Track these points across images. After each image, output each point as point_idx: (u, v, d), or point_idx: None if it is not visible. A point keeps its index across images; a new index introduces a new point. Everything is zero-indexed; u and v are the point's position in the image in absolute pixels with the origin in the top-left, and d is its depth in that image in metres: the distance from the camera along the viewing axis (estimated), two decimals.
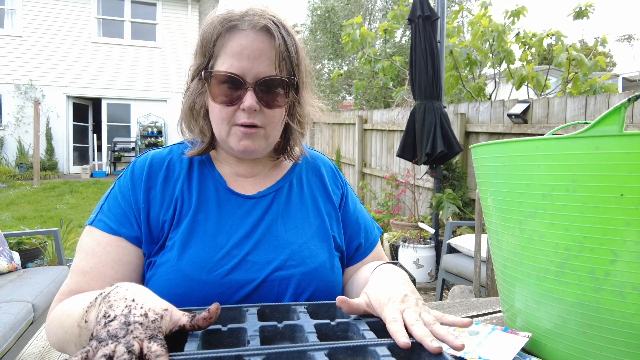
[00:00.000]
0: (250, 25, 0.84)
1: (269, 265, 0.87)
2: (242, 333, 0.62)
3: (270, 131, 0.90)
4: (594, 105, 3.46)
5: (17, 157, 11.86)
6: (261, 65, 0.84)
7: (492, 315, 1.07)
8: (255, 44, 0.84)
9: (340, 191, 1.06)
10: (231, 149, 0.91)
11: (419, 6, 4.10)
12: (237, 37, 0.84)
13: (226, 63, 0.85)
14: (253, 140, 0.88)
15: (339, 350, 0.57)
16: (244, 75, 0.84)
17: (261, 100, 0.86)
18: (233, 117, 0.87)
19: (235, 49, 0.84)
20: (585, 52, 5.58)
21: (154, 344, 0.52)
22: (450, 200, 4.13)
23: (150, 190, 0.90)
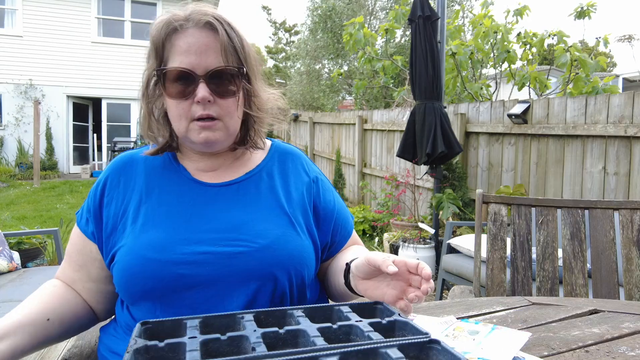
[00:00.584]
0: (194, 24, 0.89)
1: (224, 241, 0.90)
2: (243, 341, 0.61)
3: (228, 121, 0.93)
4: (594, 105, 3.46)
5: (17, 156, 11.85)
6: (209, 59, 0.89)
7: (491, 315, 1.07)
8: (200, 39, 0.89)
9: (311, 183, 1.06)
10: (192, 143, 0.94)
11: (419, 6, 4.10)
12: (183, 36, 0.89)
13: (176, 61, 0.89)
14: (213, 131, 0.91)
15: (350, 354, 0.57)
16: (194, 69, 0.88)
17: (213, 91, 0.89)
18: (189, 111, 0.90)
19: (182, 47, 0.89)
20: (585, 52, 5.57)
21: None
22: (450, 201, 4.12)
23: (113, 189, 0.98)
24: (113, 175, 1.00)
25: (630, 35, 15.95)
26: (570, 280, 1.80)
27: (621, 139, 3.27)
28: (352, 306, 0.75)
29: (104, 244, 0.95)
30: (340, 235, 1.07)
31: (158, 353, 0.58)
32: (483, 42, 5.62)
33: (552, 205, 1.87)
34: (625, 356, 0.83)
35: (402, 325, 0.69)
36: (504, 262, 1.91)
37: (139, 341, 0.59)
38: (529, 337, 0.90)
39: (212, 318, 0.68)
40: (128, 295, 0.90)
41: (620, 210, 1.77)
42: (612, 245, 1.77)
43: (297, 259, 0.93)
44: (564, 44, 5.10)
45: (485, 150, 4.55)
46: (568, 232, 1.83)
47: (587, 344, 0.89)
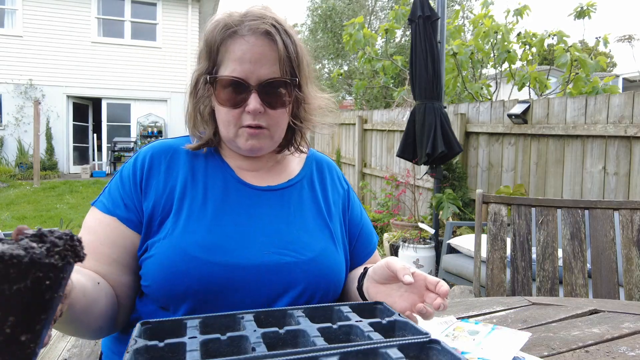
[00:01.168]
0: (251, 31, 0.87)
1: (265, 252, 0.89)
2: (243, 341, 0.61)
3: (275, 131, 0.93)
4: (594, 105, 3.46)
5: (17, 156, 11.84)
6: (263, 68, 0.87)
7: (491, 315, 1.07)
8: (255, 48, 0.86)
9: (345, 196, 1.08)
10: (238, 148, 0.94)
11: (420, 6, 4.10)
12: (239, 42, 0.87)
13: (229, 68, 0.87)
14: (259, 139, 0.91)
15: (350, 354, 0.57)
16: (247, 79, 0.87)
17: (265, 101, 0.88)
18: (239, 119, 0.90)
19: (237, 54, 0.87)
20: (585, 52, 5.57)
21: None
22: (450, 201, 4.12)
23: (151, 179, 0.92)
24: (155, 159, 0.95)
25: (630, 35, 15.95)
26: (570, 280, 1.80)
27: (621, 139, 3.27)
28: (352, 306, 0.75)
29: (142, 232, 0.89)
30: (360, 249, 1.07)
31: (158, 353, 0.58)
32: (483, 42, 5.62)
33: (552, 205, 1.87)
34: (625, 356, 0.83)
35: (402, 325, 0.69)
36: (504, 262, 1.91)
37: (139, 341, 0.59)
38: (529, 337, 0.90)
39: (212, 318, 0.68)
40: (166, 294, 0.84)
41: (620, 210, 1.77)
42: (612, 245, 1.77)
43: (336, 274, 0.95)
44: (563, 44, 5.10)
45: (485, 150, 4.55)
46: (568, 232, 1.83)
47: (587, 344, 0.89)
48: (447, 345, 0.60)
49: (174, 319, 0.66)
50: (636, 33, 18.47)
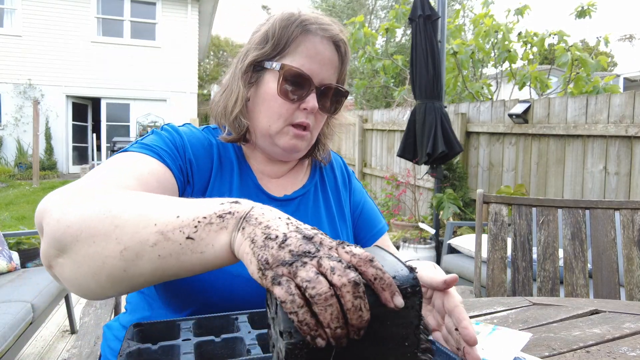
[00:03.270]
0: (328, 34, 0.90)
1: None
2: (237, 343, 0.60)
3: (314, 135, 0.97)
4: (595, 105, 3.45)
5: (16, 156, 11.84)
6: (328, 72, 0.91)
7: (492, 315, 1.06)
8: (327, 51, 0.90)
9: (347, 189, 1.10)
10: (274, 145, 0.92)
11: (420, 5, 4.09)
12: (313, 41, 0.89)
13: (298, 62, 0.88)
14: (302, 141, 0.93)
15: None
16: (312, 77, 0.89)
17: (320, 103, 0.91)
18: (292, 115, 0.90)
19: (310, 51, 0.89)
20: (586, 51, 5.56)
21: (353, 247, 0.42)
22: (450, 201, 4.11)
23: (192, 155, 0.87)
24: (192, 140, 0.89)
25: (631, 34, 15.95)
26: (571, 280, 1.79)
27: (622, 139, 3.26)
28: None
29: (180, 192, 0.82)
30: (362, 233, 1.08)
31: (151, 356, 0.57)
32: (484, 41, 5.61)
33: (552, 205, 1.86)
34: (626, 356, 0.82)
35: None
36: (504, 262, 1.90)
37: (131, 344, 0.58)
38: (529, 338, 0.89)
39: (205, 319, 0.67)
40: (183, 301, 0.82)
41: (621, 210, 1.76)
42: (613, 245, 1.76)
43: None
44: (564, 43, 5.09)
45: (485, 150, 4.54)
46: (569, 232, 1.82)
47: (588, 344, 0.88)
48: (442, 345, 0.60)
49: (167, 321, 0.66)
50: (637, 33, 18.47)
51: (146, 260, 0.48)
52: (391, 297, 0.40)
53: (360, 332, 0.38)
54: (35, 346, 2.71)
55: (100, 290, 0.52)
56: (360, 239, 1.07)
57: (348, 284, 0.38)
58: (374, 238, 1.07)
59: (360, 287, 0.38)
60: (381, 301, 0.40)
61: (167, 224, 0.48)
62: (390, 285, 0.40)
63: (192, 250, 0.47)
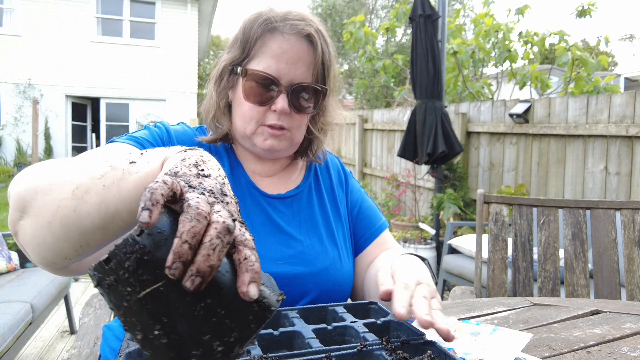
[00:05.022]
0: (294, 30, 0.86)
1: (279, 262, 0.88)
2: None
3: (296, 133, 0.92)
4: (596, 105, 3.45)
5: (15, 156, 11.84)
6: (297, 71, 0.86)
7: (493, 316, 1.06)
8: (295, 49, 0.86)
9: (344, 189, 1.08)
10: (254, 146, 0.92)
11: (420, 5, 4.09)
12: (279, 39, 0.86)
13: (263, 63, 0.86)
14: (279, 140, 0.90)
15: (345, 357, 0.56)
16: (280, 78, 0.86)
17: (292, 104, 0.87)
18: (263, 117, 0.88)
19: (275, 51, 0.85)
20: (587, 51, 5.56)
21: (246, 230, 0.42)
22: (451, 201, 4.11)
23: None
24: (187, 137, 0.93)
25: (632, 34, 15.95)
26: (572, 280, 1.79)
27: (623, 139, 3.25)
28: (346, 306, 0.74)
29: None
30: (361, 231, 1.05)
31: None
32: (484, 41, 5.61)
33: (553, 206, 1.86)
34: (626, 357, 0.82)
35: (396, 325, 0.68)
36: (505, 262, 1.90)
37: (131, 344, 0.57)
38: (530, 338, 0.88)
39: None
40: None
41: (622, 211, 1.76)
42: (613, 245, 1.76)
43: (347, 282, 0.95)
44: (565, 43, 5.09)
45: (486, 150, 4.54)
46: (569, 232, 1.81)
47: (589, 344, 0.88)
48: (442, 346, 0.59)
49: None
50: (638, 32, 18.48)
51: (93, 194, 0.51)
52: (248, 282, 0.37)
53: (195, 281, 0.35)
54: (34, 346, 2.70)
55: (56, 243, 0.54)
56: (359, 237, 1.05)
57: (222, 224, 0.37)
58: (373, 235, 1.05)
59: (228, 235, 0.37)
60: (237, 284, 0.38)
61: (118, 160, 0.53)
62: (255, 272, 0.38)
63: (130, 172, 0.50)
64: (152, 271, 0.36)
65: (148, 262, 0.36)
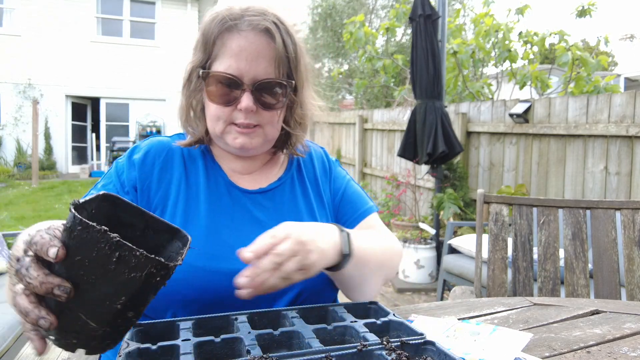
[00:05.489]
0: (251, 26, 0.84)
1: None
2: (237, 343, 0.60)
3: (269, 130, 0.91)
4: (596, 105, 3.45)
5: (15, 156, 11.84)
6: (259, 67, 0.84)
7: (493, 316, 1.06)
8: (253, 45, 0.84)
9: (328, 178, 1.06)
10: (226, 145, 0.92)
11: (420, 5, 4.09)
12: (236, 38, 0.84)
13: (224, 63, 0.85)
14: (251, 138, 0.89)
15: (345, 357, 0.56)
16: (242, 77, 0.84)
17: (258, 101, 0.86)
18: (230, 116, 0.88)
19: (234, 49, 0.84)
20: (587, 51, 5.56)
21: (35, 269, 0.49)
22: (451, 201, 4.11)
23: (146, 176, 0.91)
24: (150, 158, 0.93)
25: (632, 34, 15.95)
26: (572, 280, 1.79)
27: (623, 139, 3.25)
28: (346, 306, 0.74)
29: None
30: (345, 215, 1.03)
31: (151, 356, 0.57)
32: (484, 41, 5.61)
33: (553, 205, 1.86)
34: (626, 357, 0.82)
35: (397, 325, 0.68)
36: (505, 262, 1.90)
37: (131, 344, 0.57)
38: (530, 338, 0.88)
39: (205, 320, 0.67)
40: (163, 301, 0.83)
41: (622, 210, 1.76)
42: (613, 245, 1.76)
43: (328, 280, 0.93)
44: (565, 43, 5.09)
45: (486, 149, 4.54)
46: (569, 232, 1.81)
47: (589, 344, 0.88)
48: (441, 346, 0.59)
49: (166, 321, 0.65)
50: (638, 32, 18.48)
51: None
52: (46, 252, 0.46)
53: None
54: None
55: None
56: (342, 222, 1.02)
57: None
58: (358, 219, 1.03)
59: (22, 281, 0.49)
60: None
61: None
62: (41, 247, 0.47)
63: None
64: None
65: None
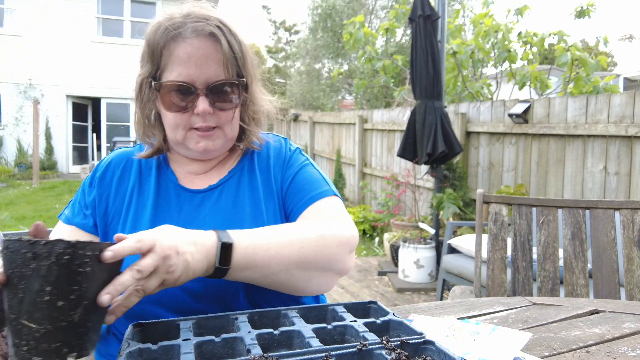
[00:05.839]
0: (195, 33, 0.85)
1: None
2: (237, 342, 0.60)
3: (228, 130, 0.93)
4: (595, 105, 3.45)
5: (16, 156, 11.84)
6: (209, 70, 0.86)
7: (492, 315, 1.06)
8: (200, 50, 0.85)
9: (283, 166, 1.02)
10: (188, 150, 0.93)
11: (420, 5, 4.09)
12: (183, 45, 0.86)
13: (175, 72, 0.86)
14: (212, 140, 0.91)
15: (344, 356, 0.56)
16: (194, 82, 0.86)
17: (213, 103, 0.88)
18: (188, 122, 0.89)
19: (182, 57, 0.85)
20: (586, 51, 5.56)
21: None
22: (450, 201, 4.11)
23: (105, 188, 0.96)
24: (110, 169, 0.98)
25: (631, 34, 15.95)
26: (571, 280, 1.79)
27: (622, 139, 3.25)
28: (346, 306, 0.74)
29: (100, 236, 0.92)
30: (292, 202, 0.97)
31: (151, 356, 0.57)
32: (484, 41, 5.61)
33: (553, 205, 1.86)
34: (626, 356, 0.82)
35: (396, 325, 0.68)
36: (504, 262, 1.90)
37: (131, 344, 0.58)
38: (529, 338, 0.89)
39: (205, 319, 0.67)
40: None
41: (621, 210, 1.76)
42: (613, 245, 1.76)
43: None
44: (564, 43, 5.09)
45: (485, 149, 4.54)
46: (569, 232, 1.82)
47: (588, 344, 0.88)
48: (441, 345, 0.60)
49: (167, 321, 0.66)
50: (637, 33, 18.48)
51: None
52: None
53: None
54: None
55: None
56: (289, 211, 0.98)
57: None
58: (304, 206, 0.95)
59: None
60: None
61: None
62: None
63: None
64: None
65: None
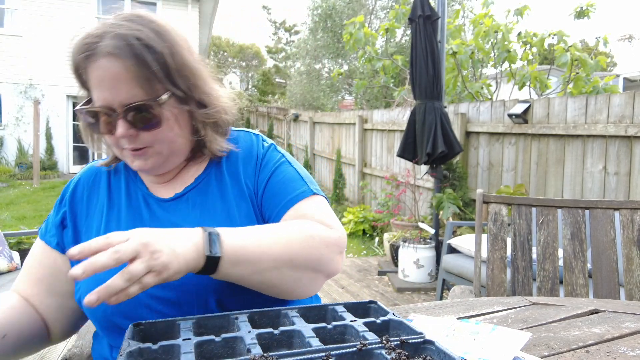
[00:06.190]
0: (101, 54, 0.78)
1: None
2: (237, 342, 0.60)
3: (161, 147, 0.86)
4: (595, 105, 3.45)
5: (16, 156, 11.83)
6: (121, 93, 0.79)
7: (492, 315, 1.06)
8: (107, 72, 0.78)
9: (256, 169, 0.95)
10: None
11: (420, 6, 4.09)
12: (94, 69, 0.79)
13: (95, 95, 0.82)
14: (145, 159, 0.86)
15: (344, 356, 0.56)
16: (110, 104, 0.80)
17: (134, 125, 0.81)
18: (118, 142, 0.85)
19: (94, 82, 0.81)
20: (586, 52, 5.56)
21: None
22: (450, 201, 4.11)
23: (75, 206, 0.95)
24: (79, 189, 0.97)
25: (631, 35, 15.95)
26: (571, 280, 1.79)
27: (622, 139, 3.26)
28: (346, 305, 0.74)
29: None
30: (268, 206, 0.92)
31: (152, 355, 0.57)
32: (483, 41, 5.61)
33: (552, 205, 1.87)
34: (625, 356, 0.82)
35: (396, 324, 0.69)
36: (504, 262, 1.90)
37: (132, 343, 0.58)
38: (529, 337, 0.89)
39: (205, 319, 0.67)
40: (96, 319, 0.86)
41: (621, 210, 1.76)
42: (612, 245, 1.76)
43: None
44: (564, 43, 5.09)
45: (485, 150, 4.54)
46: (568, 232, 1.82)
47: (588, 344, 0.88)
48: (441, 345, 0.60)
49: (167, 320, 0.66)
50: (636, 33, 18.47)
51: None
52: None
53: None
54: None
55: None
56: (268, 215, 0.92)
57: None
58: (282, 210, 0.89)
59: None
60: None
61: None
62: None
63: None
64: None
65: None
